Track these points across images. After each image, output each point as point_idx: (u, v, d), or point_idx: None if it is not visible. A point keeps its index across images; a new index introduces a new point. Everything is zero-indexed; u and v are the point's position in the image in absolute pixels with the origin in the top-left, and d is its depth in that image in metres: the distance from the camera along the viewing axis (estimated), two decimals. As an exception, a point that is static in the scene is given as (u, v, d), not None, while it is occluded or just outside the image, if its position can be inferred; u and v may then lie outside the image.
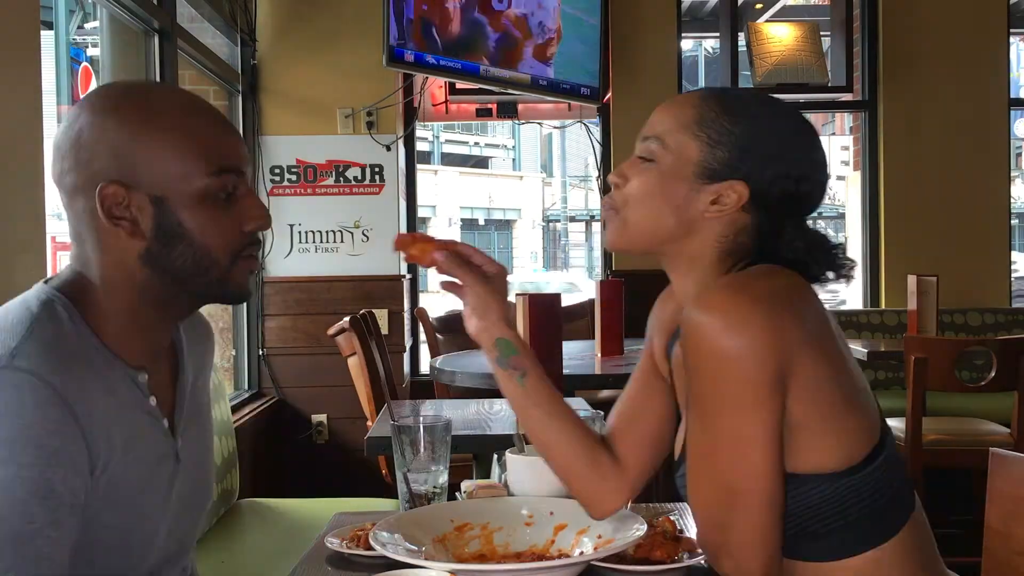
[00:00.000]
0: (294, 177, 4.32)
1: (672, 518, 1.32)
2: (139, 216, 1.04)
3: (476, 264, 1.24)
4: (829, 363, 1.11)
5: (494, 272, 1.25)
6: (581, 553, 1.22)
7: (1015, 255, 5.90)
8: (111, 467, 1.01)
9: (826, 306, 1.16)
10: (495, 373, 1.27)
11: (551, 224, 28.13)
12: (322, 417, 4.33)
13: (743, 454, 1.06)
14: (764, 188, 1.15)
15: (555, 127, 13.64)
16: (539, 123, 5.35)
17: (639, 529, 1.20)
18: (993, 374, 3.12)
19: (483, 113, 4.78)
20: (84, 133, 1.05)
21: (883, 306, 4.77)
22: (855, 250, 5.09)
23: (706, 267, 1.19)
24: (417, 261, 1.22)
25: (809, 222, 1.20)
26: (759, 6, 7.01)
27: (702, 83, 26.51)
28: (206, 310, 1.27)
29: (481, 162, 28.45)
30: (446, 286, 1.25)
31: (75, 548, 0.99)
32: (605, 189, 4.68)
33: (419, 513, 1.33)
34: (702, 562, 1.21)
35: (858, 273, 4.97)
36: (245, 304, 4.22)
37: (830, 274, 1.18)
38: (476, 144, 28.34)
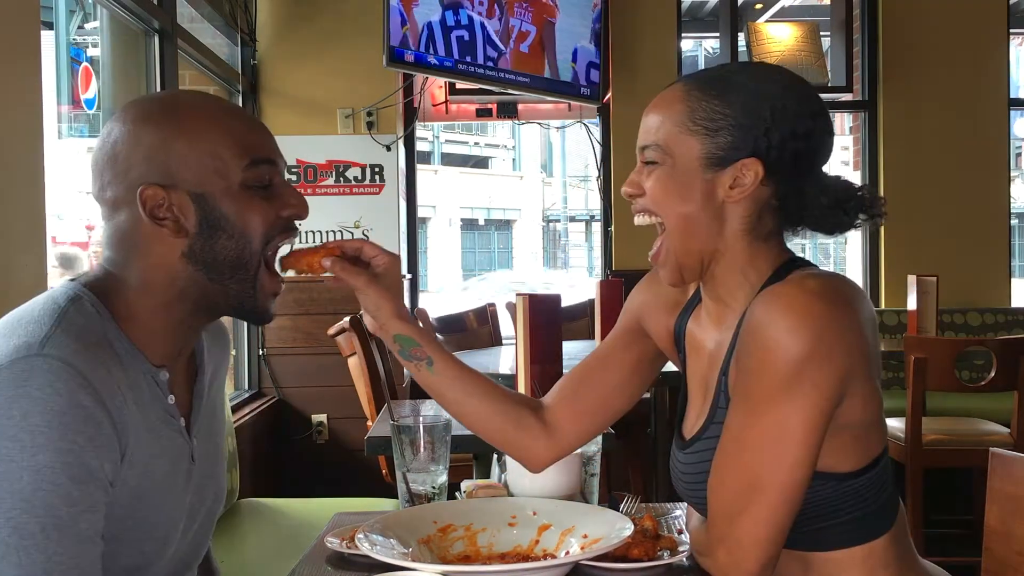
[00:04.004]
0: (294, 177, 4.32)
1: (656, 518, 1.31)
2: (181, 215, 1.07)
3: (368, 259, 1.25)
4: (878, 367, 1.14)
5: (384, 267, 1.25)
6: (567, 553, 1.22)
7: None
8: (134, 459, 1.03)
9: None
10: (404, 365, 1.31)
11: (551, 224, 28.11)
12: (322, 417, 4.33)
13: (782, 450, 1.07)
14: (776, 156, 1.14)
15: (555, 127, 13.63)
16: (539, 123, 5.35)
17: (626, 529, 1.19)
18: (993, 374, 3.12)
19: (483, 113, 4.78)
20: (119, 145, 1.08)
21: (883, 306, 4.77)
22: (855, 250, 5.09)
23: (736, 256, 1.18)
24: (310, 272, 1.22)
25: (826, 170, 1.20)
26: (759, 6, 7.01)
27: (702, 83, 26.44)
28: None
29: (481, 162, 28.45)
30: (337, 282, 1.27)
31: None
32: (605, 190, 4.69)
33: (402, 515, 1.32)
34: (683, 560, 1.21)
35: (858, 273, 4.99)
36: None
37: (862, 217, 1.18)
38: (476, 144, 28.33)
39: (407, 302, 4.50)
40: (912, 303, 3.80)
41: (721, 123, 1.14)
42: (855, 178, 5.07)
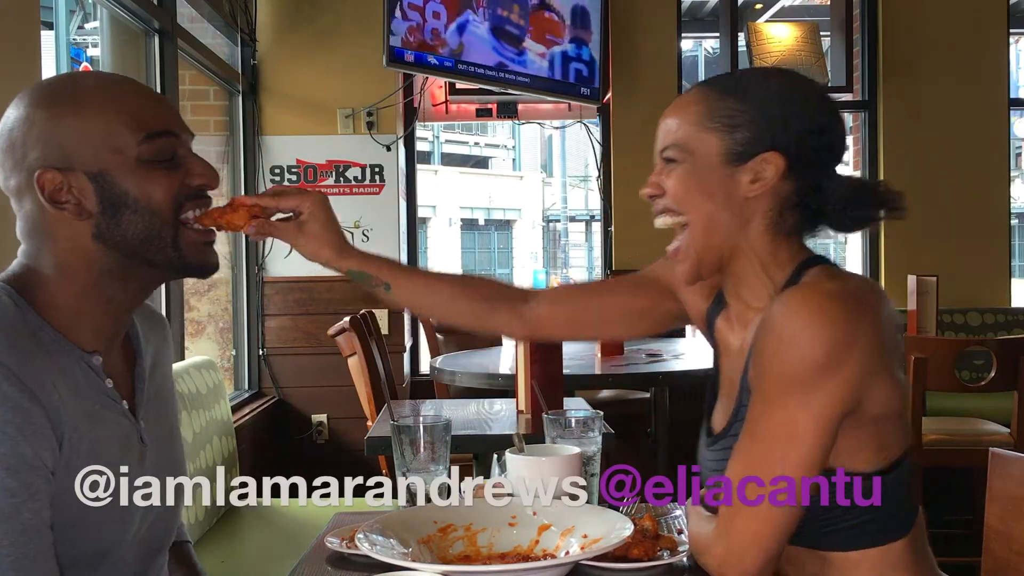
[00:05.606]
0: (294, 177, 4.32)
1: (656, 518, 1.31)
2: (81, 197, 1.06)
3: (289, 209, 1.26)
4: (900, 366, 1.14)
5: (308, 211, 1.26)
6: (567, 553, 1.22)
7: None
8: (76, 445, 1.02)
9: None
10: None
11: (551, 224, 28.10)
12: (322, 417, 4.33)
13: (788, 449, 1.07)
14: (795, 149, 1.15)
15: (555, 127, 13.64)
16: (539, 123, 5.35)
17: (626, 529, 1.19)
18: (993, 374, 3.12)
19: (483, 113, 4.78)
20: (14, 132, 1.06)
21: (883, 306, 4.76)
22: (855, 250, 5.09)
23: (757, 252, 1.19)
24: (229, 230, 1.21)
25: (840, 170, 1.21)
26: (759, 6, 7.01)
27: (702, 83, 26.43)
28: (207, 308, 1.29)
29: (481, 162, 28.44)
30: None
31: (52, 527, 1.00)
32: (605, 190, 4.69)
33: (403, 515, 1.32)
34: (683, 560, 1.21)
35: (858, 273, 4.98)
36: (246, 304, 4.22)
37: (881, 212, 1.19)
38: (476, 144, 28.32)
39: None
40: (912, 303, 3.80)
41: (739, 119, 1.16)
42: (855, 178, 5.07)
